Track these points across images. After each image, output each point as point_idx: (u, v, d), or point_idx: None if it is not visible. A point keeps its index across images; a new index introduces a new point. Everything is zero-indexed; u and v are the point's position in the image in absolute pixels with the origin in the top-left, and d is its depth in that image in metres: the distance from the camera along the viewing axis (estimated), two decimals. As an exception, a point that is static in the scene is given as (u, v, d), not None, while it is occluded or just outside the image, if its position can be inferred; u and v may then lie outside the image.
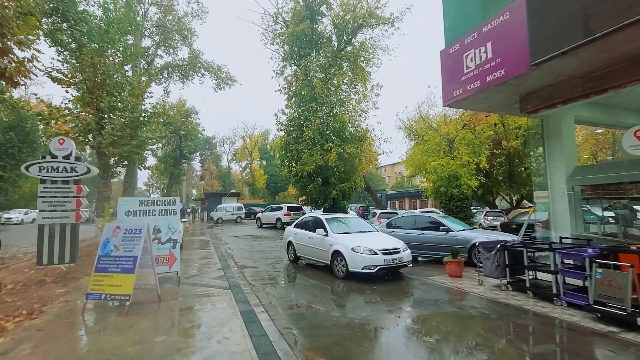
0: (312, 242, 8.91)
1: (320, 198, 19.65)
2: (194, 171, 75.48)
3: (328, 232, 8.43)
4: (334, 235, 8.29)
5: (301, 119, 19.91)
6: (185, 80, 27.72)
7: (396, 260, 7.46)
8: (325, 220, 8.93)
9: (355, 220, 9.47)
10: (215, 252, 12.48)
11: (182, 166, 32.77)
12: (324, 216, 9.22)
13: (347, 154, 20.05)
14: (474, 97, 7.46)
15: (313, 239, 8.89)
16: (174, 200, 7.79)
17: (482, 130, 22.22)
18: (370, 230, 8.94)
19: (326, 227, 8.61)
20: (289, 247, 10.27)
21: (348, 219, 9.51)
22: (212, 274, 8.47)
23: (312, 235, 8.96)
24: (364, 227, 9.11)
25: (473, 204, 22.63)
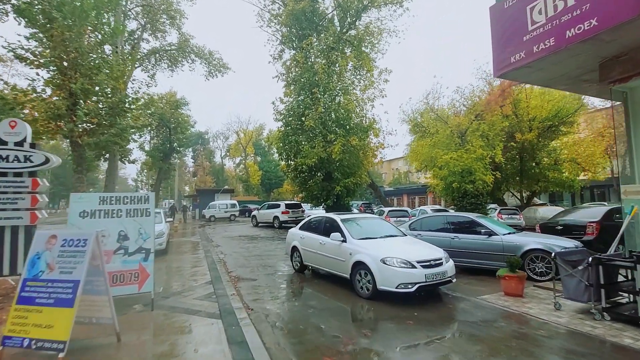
0: (325, 249, 7.14)
1: (322, 195, 17.87)
2: (187, 167, 73.22)
3: (346, 237, 6.66)
4: (354, 241, 6.52)
5: (301, 108, 18.05)
6: (175, 68, 25.68)
7: (439, 275, 5.72)
8: (341, 221, 7.15)
9: (378, 222, 7.71)
10: (205, 257, 10.63)
11: (172, 160, 30.68)
12: (339, 216, 7.43)
13: (351, 147, 18.28)
14: (540, 63, 5.72)
15: (326, 246, 7.12)
16: (147, 196, 5.94)
17: (497, 122, 20.59)
18: (397, 234, 7.18)
19: (343, 230, 6.84)
20: (294, 254, 8.49)
21: (368, 220, 7.74)
22: (198, 290, 6.65)
23: (325, 240, 7.19)
24: (390, 230, 7.35)
25: (488, 200, 21.05)
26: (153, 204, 5.95)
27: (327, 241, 7.10)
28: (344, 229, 6.87)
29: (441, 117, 23.41)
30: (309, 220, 8.49)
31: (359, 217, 7.79)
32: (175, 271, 8.71)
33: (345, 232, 6.77)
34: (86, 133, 13.81)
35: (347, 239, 6.63)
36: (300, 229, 8.55)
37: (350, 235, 6.66)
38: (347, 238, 6.65)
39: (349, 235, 6.68)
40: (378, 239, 6.67)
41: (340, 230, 6.87)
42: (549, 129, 22.84)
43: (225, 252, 11.92)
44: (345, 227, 6.90)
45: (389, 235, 6.97)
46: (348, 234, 6.72)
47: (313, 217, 8.45)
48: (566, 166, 22.60)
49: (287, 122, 18.54)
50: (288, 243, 8.90)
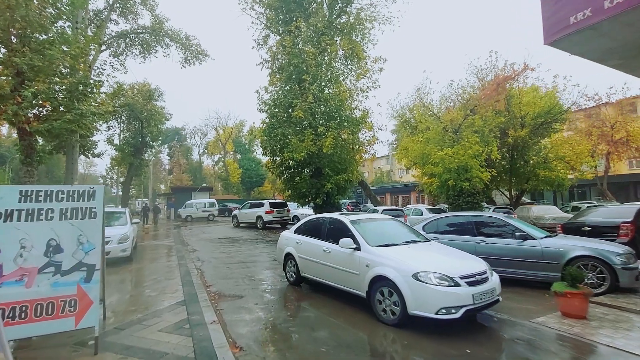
0: (331, 258, 5.69)
1: (310, 193, 16.38)
2: (162, 165, 69.79)
3: (360, 244, 5.23)
4: (371, 249, 5.09)
5: (288, 98, 16.48)
6: (147, 54, 23.43)
7: (488, 294, 4.40)
8: (351, 223, 5.71)
9: (393, 224, 6.29)
10: (179, 265, 8.93)
11: (144, 156, 28.25)
12: (347, 217, 5.98)
13: (343, 140, 16.91)
14: (610, 23, 4.50)
15: (332, 254, 5.67)
16: (93, 191, 4.29)
17: (492, 117, 19.81)
18: (420, 239, 5.81)
19: (355, 235, 5.40)
20: (288, 262, 6.99)
21: (383, 222, 6.31)
22: (167, 315, 5.04)
23: (330, 247, 5.74)
24: (410, 234, 5.97)
25: (484, 199, 20.27)
26: (101, 201, 4.30)
27: (334, 248, 5.65)
28: (356, 233, 5.43)
29: (434, 113, 22.46)
30: (306, 222, 6.99)
31: (371, 218, 6.35)
32: (139, 286, 7.01)
33: (358, 238, 5.33)
34: (37, 119, 11.78)
35: (362, 246, 5.19)
36: (297, 232, 7.04)
37: (366, 242, 5.22)
38: (361, 245, 5.22)
39: (364, 241, 5.25)
40: (400, 246, 5.27)
41: (352, 235, 5.43)
42: (541, 125, 22.37)
43: (203, 258, 10.23)
44: (357, 231, 5.46)
45: (412, 241, 5.59)
46: (362, 239, 5.28)
47: (312, 218, 6.96)
48: (556, 164, 22.19)
49: (273, 113, 16.93)
50: (280, 249, 7.38)
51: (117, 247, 9.05)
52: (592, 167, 26.05)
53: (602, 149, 27.26)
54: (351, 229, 5.55)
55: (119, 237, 9.17)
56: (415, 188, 32.81)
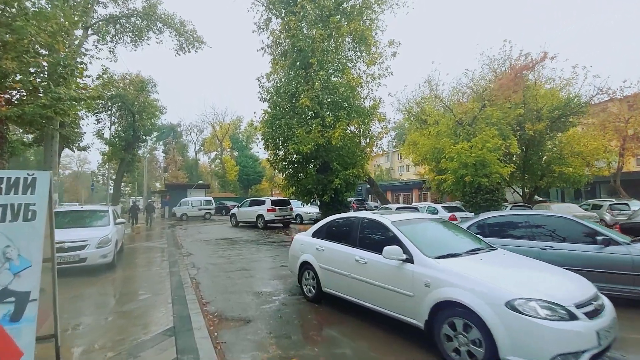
0: (367, 271, 4.31)
1: (317, 189, 15.00)
2: (157, 162, 68.09)
3: (413, 255, 3.84)
4: (429, 261, 3.70)
5: (292, 85, 15.08)
6: (139, 42, 21.89)
7: (612, 329, 3.04)
8: (394, 225, 4.32)
9: (442, 226, 4.90)
10: (170, 275, 7.50)
11: (135, 151, 26.68)
12: (388, 218, 4.58)
13: (352, 132, 15.54)
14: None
15: (369, 267, 4.30)
16: (30, 178, 2.86)
17: (510, 109, 18.51)
18: (483, 245, 4.44)
19: (404, 242, 4.01)
20: (305, 273, 5.60)
21: (430, 223, 4.90)
22: (148, 355, 3.63)
23: (366, 257, 4.36)
24: (467, 238, 4.60)
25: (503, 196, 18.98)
26: (46, 194, 2.88)
27: (372, 259, 4.27)
28: (405, 239, 4.04)
29: (446, 105, 21.12)
30: (329, 223, 5.59)
31: (415, 218, 4.91)
32: (118, 305, 5.58)
33: (408, 246, 3.94)
34: (8, 103, 10.33)
35: (415, 258, 3.81)
36: (316, 235, 5.64)
37: (420, 251, 3.84)
38: (414, 255, 3.83)
39: (417, 250, 3.86)
40: (467, 257, 3.90)
41: (399, 242, 4.04)
42: (558, 119, 21.13)
43: (199, 264, 8.80)
44: (406, 237, 4.07)
45: (476, 250, 4.21)
46: (414, 248, 3.89)
47: (337, 219, 5.54)
48: (572, 160, 20.94)
49: (275, 102, 15.51)
50: (294, 256, 5.98)
51: (95, 252, 7.59)
52: (608, 163, 24.89)
53: (615, 145, 26.09)
54: (397, 234, 4.15)
55: (99, 240, 7.72)
56: (422, 185, 31.47)
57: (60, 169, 76.28)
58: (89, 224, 8.64)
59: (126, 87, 25.10)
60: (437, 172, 23.36)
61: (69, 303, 5.56)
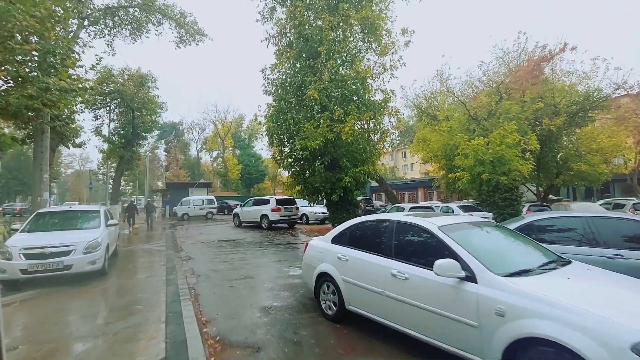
0: (408, 289, 3.42)
1: (325, 188, 14.07)
2: (159, 161, 67.43)
3: (475, 271, 2.93)
4: (501, 281, 2.79)
5: (299, 76, 14.19)
6: (139, 35, 21.03)
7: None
8: (443, 232, 3.40)
9: (498, 232, 3.98)
10: (166, 284, 6.64)
11: (135, 148, 25.84)
12: (432, 221, 3.65)
13: (362, 127, 14.62)
14: None
15: (410, 283, 3.40)
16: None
17: (530, 102, 17.52)
18: (553, 257, 3.52)
19: (461, 254, 3.10)
20: (323, 286, 4.73)
21: (484, 229, 3.95)
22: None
23: (407, 271, 3.47)
24: (531, 248, 3.68)
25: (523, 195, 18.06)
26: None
27: (415, 273, 3.37)
28: (462, 250, 3.12)
29: (459, 99, 20.15)
30: (353, 226, 4.67)
31: (463, 221, 3.97)
32: (99, 326, 4.69)
33: (468, 259, 3.03)
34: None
35: (480, 275, 2.90)
36: (337, 241, 4.74)
37: (485, 267, 2.93)
38: (477, 273, 2.92)
39: (481, 265, 2.95)
40: (547, 275, 2.99)
41: (454, 254, 3.12)
42: (577, 114, 20.12)
43: (199, 270, 7.93)
44: (462, 247, 3.16)
45: (551, 263, 3.30)
46: (477, 262, 2.98)
47: (363, 222, 4.62)
48: (590, 157, 19.94)
49: (281, 95, 14.60)
50: (309, 265, 5.10)
51: (83, 258, 6.73)
52: (625, 161, 23.86)
53: (633, 142, 25.01)
54: (449, 243, 3.24)
55: (86, 244, 6.85)
56: (431, 183, 30.49)
57: (62, 168, 75.82)
58: (77, 226, 7.77)
59: (125, 82, 24.26)
60: (446, 169, 22.46)
61: (42, 322, 4.70)
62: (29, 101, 9.17)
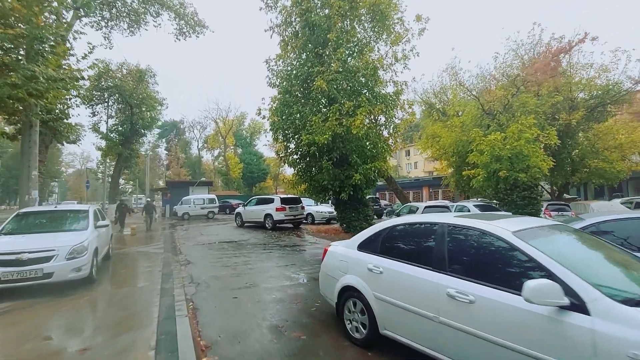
0: (478, 318, 2.55)
1: (333, 186, 13.20)
2: (160, 160, 66.65)
3: (584, 298, 2.07)
4: (630, 313, 1.92)
5: (306, 67, 13.32)
6: (137, 28, 20.21)
7: None
8: (522, 239, 2.52)
9: (585, 240, 3.11)
10: (161, 294, 5.79)
11: (134, 145, 25.03)
12: (502, 225, 2.77)
13: (371, 121, 13.73)
14: None
15: (480, 309, 2.54)
16: None
17: (548, 95, 16.60)
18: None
19: (558, 273, 2.22)
20: (348, 303, 3.87)
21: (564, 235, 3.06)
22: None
23: (474, 292, 2.60)
24: (630, 259, 2.81)
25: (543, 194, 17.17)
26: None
27: (486, 296, 2.51)
28: (559, 267, 2.25)
29: (471, 93, 19.24)
30: (389, 230, 3.77)
31: (541, 225, 3.05)
32: (71, 354, 3.84)
33: (571, 280, 2.15)
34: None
35: (592, 304, 2.04)
36: (364, 248, 3.87)
37: (599, 291, 2.05)
38: (587, 300, 2.06)
39: (592, 289, 2.08)
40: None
41: (547, 271, 2.26)
42: (595, 108, 19.19)
43: (199, 277, 7.08)
44: (559, 263, 2.28)
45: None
46: (585, 285, 2.11)
47: (401, 224, 3.71)
48: (609, 154, 19.00)
49: (286, 88, 13.72)
50: (329, 276, 4.24)
51: (65, 265, 5.89)
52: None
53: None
54: (538, 257, 2.37)
55: (70, 249, 6.01)
56: (440, 181, 29.58)
57: (63, 167, 75.07)
58: (61, 228, 6.92)
59: (123, 77, 23.42)
60: (456, 167, 21.56)
61: (9, 342, 3.85)
62: (13, 90, 8.35)
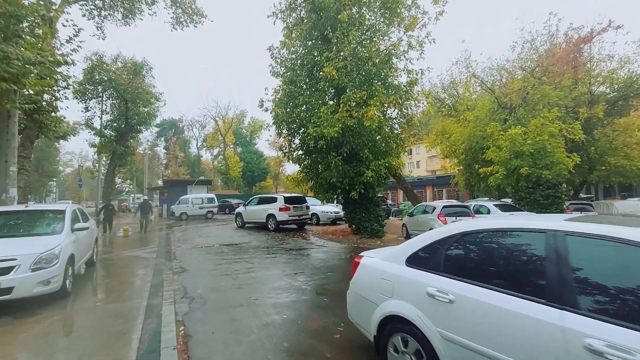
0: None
1: (343, 183, 12.12)
2: (159, 159, 65.50)
3: None
4: None
5: (313, 55, 12.26)
6: (132, 17, 19.15)
7: None
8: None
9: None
10: (145, 313, 4.71)
11: (129, 142, 23.91)
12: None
13: (383, 114, 12.67)
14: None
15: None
16: None
17: (572, 87, 15.53)
18: None
19: None
20: (394, 337, 2.80)
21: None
22: None
23: None
24: None
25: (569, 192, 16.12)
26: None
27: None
28: None
29: (486, 86, 18.16)
30: (457, 237, 2.66)
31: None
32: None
33: None
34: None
35: None
36: (418, 264, 2.79)
37: None
38: None
39: None
40: None
41: None
42: (617, 102, 18.16)
43: (193, 290, 5.99)
44: None
45: None
46: None
47: (477, 232, 2.62)
48: (628, 151, 17.97)
49: (291, 77, 12.64)
50: (363, 299, 3.17)
51: (29, 277, 4.81)
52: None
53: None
54: None
55: (35, 258, 4.93)
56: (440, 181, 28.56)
57: (61, 167, 73.81)
58: (29, 231, 5.83)
59: (118, 71, 22.31)
60: (466, 165, 20.52)
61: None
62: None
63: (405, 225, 13.60)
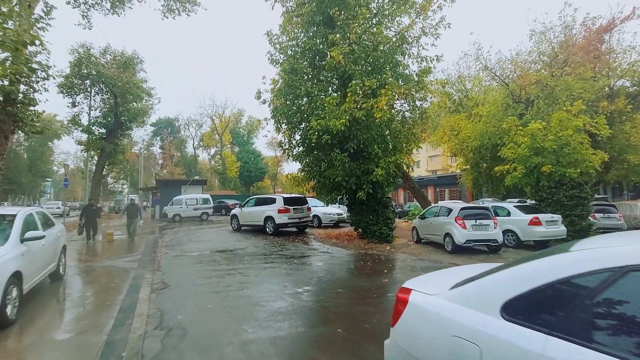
0: None
1: (349, 182, 10.91)
2: (155, 159, 64.04)
3: None
4: None
5: (316, 42, 11.05)
6: (121, 7, 17.93)
7: None
8: None
9: None
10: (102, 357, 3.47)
11: (119, 140, 22.60)
12: None
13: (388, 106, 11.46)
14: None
15: None
16: None
17: (594, 78, 14.40)
18: None
19: None
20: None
21: None
22: None
23: None
24: None
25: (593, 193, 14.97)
26: None
27: None
28: None
29: (500, 79, 17.00)
30: (618, 271, 1.50)
31: None
32: None
33: None
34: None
35: None
36: (527, 317, 1.56)
37: None
38: None
39: None
40: None
41: None
42: (637, 96, 17.05)
43: (172, 314, 4.76)
44: None
45: None
46: None
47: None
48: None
49: (291, 65, 11.41)
50: (406, 355, 1.94)
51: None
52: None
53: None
54: None
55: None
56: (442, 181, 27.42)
57: (55, 166, 72.14)
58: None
59: (107, 64, 21.02)
60: (474, 164, 19.42)
61: None
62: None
63: (415, 229, 12.41)
